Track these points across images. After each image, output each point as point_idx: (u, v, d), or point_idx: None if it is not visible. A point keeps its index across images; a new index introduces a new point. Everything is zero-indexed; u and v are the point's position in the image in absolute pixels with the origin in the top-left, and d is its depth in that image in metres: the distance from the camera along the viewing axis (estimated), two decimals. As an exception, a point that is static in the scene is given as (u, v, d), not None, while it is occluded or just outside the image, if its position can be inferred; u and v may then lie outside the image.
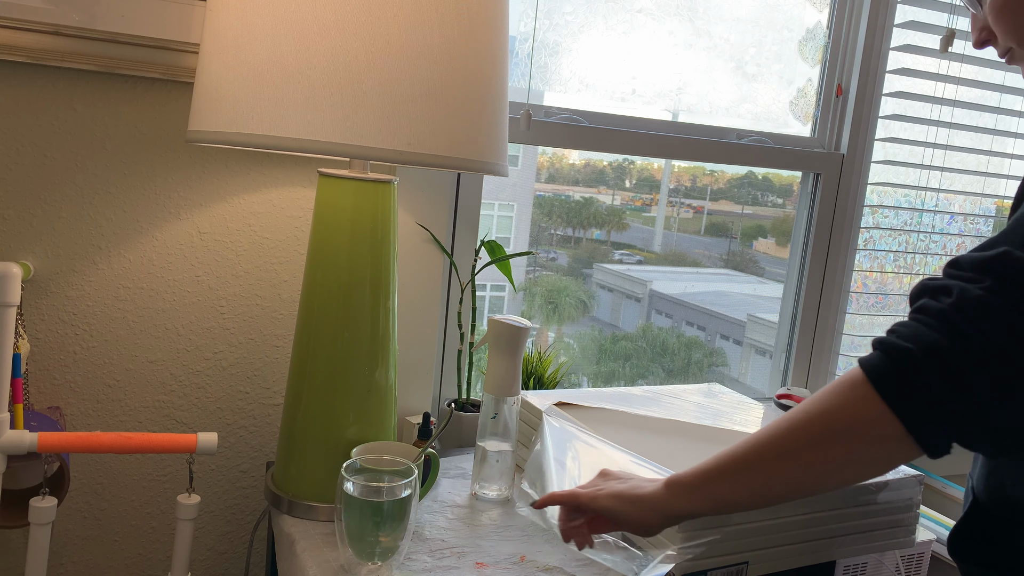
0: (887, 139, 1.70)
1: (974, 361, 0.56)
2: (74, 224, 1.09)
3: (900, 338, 0.60)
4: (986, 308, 0.56)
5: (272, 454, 1.25)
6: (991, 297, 0.56)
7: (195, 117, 0.92)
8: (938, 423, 0.58)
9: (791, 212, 1.78)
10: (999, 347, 0.56)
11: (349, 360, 1.00)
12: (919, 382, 0.57)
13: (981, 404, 0.56)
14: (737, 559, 0.92)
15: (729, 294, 1.97)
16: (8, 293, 0.94)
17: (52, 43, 1.01)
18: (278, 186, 1.19)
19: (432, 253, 1.30)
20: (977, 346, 0.56)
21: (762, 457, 0.65)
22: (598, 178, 1.78)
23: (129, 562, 1.19)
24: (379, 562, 0.89)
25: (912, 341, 0.58)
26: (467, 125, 0.90)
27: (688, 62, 1.55)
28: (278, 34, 0.84)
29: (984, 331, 0.56)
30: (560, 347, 1.83)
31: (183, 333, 1.17)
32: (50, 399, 1.11)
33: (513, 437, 1.09)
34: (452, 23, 0.88)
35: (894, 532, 1.03)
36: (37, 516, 0.96)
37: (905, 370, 0.58)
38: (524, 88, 1.38)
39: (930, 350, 0.57)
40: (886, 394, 0.58)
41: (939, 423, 0.58)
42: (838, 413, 0.60)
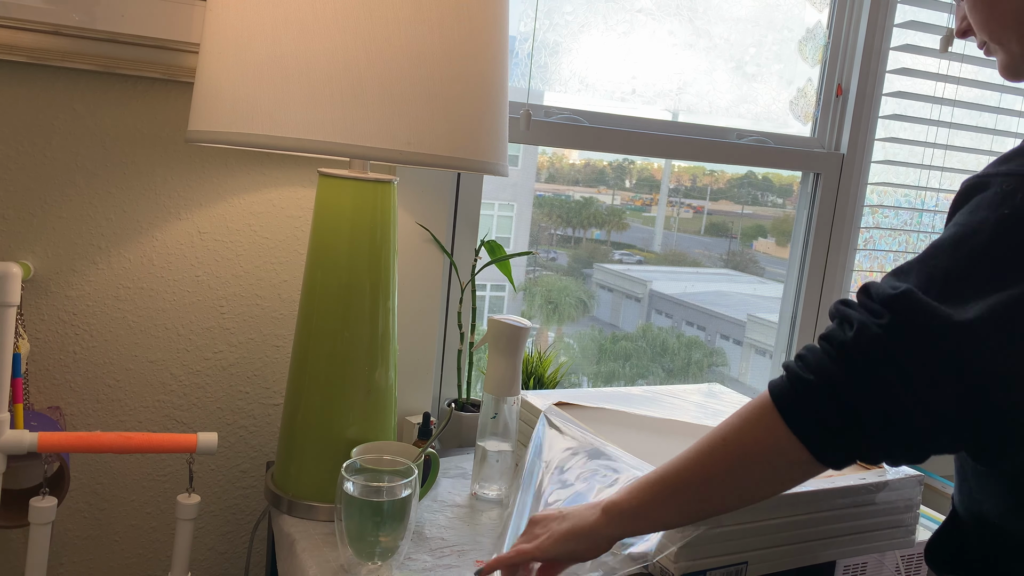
0: (887, 139, 1.70)
1: (866, 396, 0.61)
2: (74, 224, 1.09)
3: (805, 367, 0.64)
4: (881, 347, 0.60)
5: (272, 454, 1.25)
6: (887, 337, 0.60)
7: (195, 117, 0.92)
8: (837, 448, 0.64)
9: (791, 212, 1.78)
10: (889, 385, 0.60)
11: (349, 360, 1.00)
12: (819, 412, 0.63)
13: (873, 433, 0.61)
14: (737, 559, 0.92)
15: (729, 294, 1.97)
16: (8, 293, 0.94)
17: (52, 43, 1.01)
18: (278, 186, 1.19)
19: (432, 253, 1.30)
20: (869, 383, 0.60)
21: (689, 483, 0.71)
22: (598, 178, 1.78)
23: (129, 562, 1.20)
24: (379, 562, 0.89)
25: (814, 372, 0.63)
26: (467, 125, 0.90)
27: (688, 62, 1.55)
28: (278, 34, 0.84)
29: (877, 369, 0.60)
30: (560, 347, 1.83)
31: (183, 333, 1.17)
32: (50, 399, 1.11)
33: (513, 437, 1.09)
34: (452, 23, 0.88)
35: (894, 532, 1.03)
36: (37, 516, 0.96)
37: (807, 401, 0.63)
38: (524, 88, 1.38)
39: (828, 383, 0.62)
40: (791, 422, 0.64)
41: (838, 448, 0.64)
42: (752, 441, 0.66)
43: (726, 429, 0.68)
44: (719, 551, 0.91)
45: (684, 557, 0.88)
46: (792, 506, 0.95)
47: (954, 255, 0.61)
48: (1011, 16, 0.73)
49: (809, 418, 0.63)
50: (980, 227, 0.61)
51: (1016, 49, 0.75)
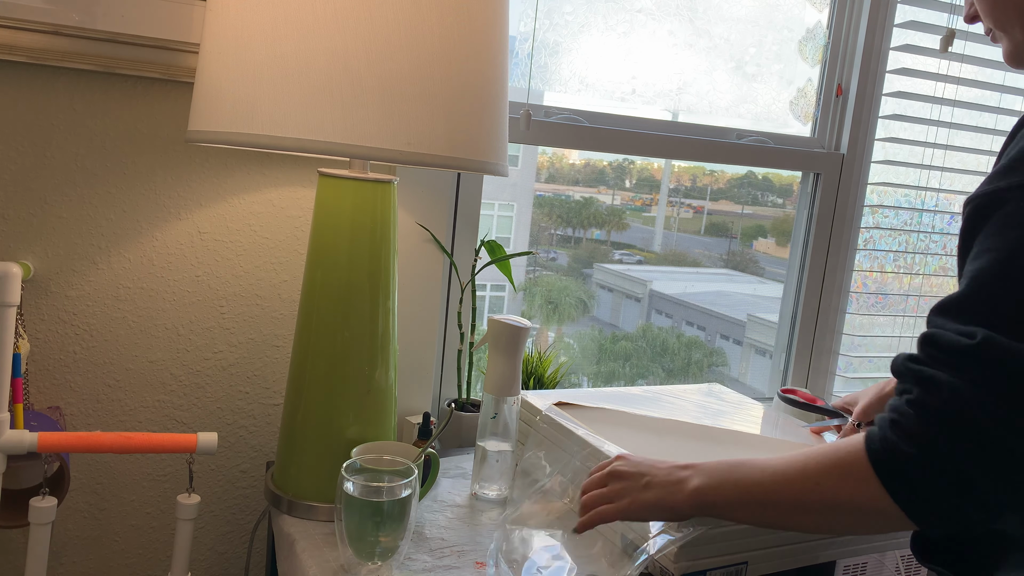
0: (887, 139, 1.70)
1: (978, 462, 0.58)
2: (74, 224, 1.09)
3: (904, 436, 0.61)
4: (980, 407, 0.57)
5: (272, 454, 1.25)
6: (984, 395, 0.57)
7: (195, 117, 0.92)
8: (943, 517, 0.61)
9: (791, 212, 1.78)
10: (1000, 444, 0.57)
11: (349, 360, 1.00)
12: (926, 486, 0.60)
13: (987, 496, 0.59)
14: (737, 559, 0.92)
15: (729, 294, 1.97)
16: (8, 293, 0.94)
17: (52, 43, 1.01)
18: (278, 186, 1.19)
19: (432, 253, 1.30)
20: (977, 448, 0.57)
21: (779, 505, 0.70)
22: (598, 178, 1.78)
23: (129, 562, 1.20)
24: (379, 562, 0.89)
25: (917, 446, 0.60)
26: (467, 125, 0.90)
27: (688, 62, 1.55)
28: (278, 34, 0.84)
29: (983, 432, 0.57)
30: (560, 347, 1.83)
31: (183, 333, 1.17)
32: (50, 399, 1.11)
33: (513, 437, 1.09)
34: (452, 23, 0.88)
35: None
36: (37, 516, 0.96)
37: (912, 473, 0.60)
38: (524, 88, 1.38)
39: (934, 456, 0.59)
40: (894, 494, 0.61)
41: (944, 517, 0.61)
42: (848, 497, 0.64)
43: (822, 473, 0.66)
44: (719, 551, 0.91)
45: (684, 557, 0.88)
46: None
47: (1006, 283, 0.59)
48: (1016, 4, 0.73)
49: (917, 491, 0.61)
50: (1019, 247, 0.58)
51: (1020, 37, 0.75)
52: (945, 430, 0.59)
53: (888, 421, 0.63)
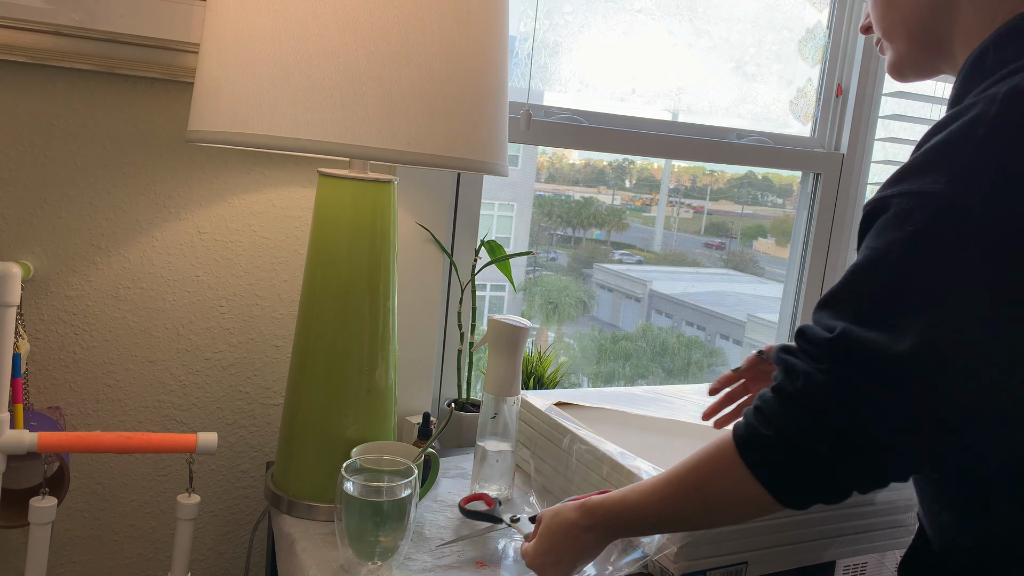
0: (887, 139, 1.70)
1: (826, 444, 0.63)
2: (74, 224, 1.09)
3: (763, 420, 0.67)
4: (830, 394, 0.63)
5: (272, 454, 1.25)
6: (834, 383, 0.63)
7: (195, 117, 0.93)
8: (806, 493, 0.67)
9: (791, 212, 1.78)
10: (845, 429, 0.63)
11: (349, 360, 1.00)
12: (783, 465, 0.66)
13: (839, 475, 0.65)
14: (737, 559, 0.92)
15: (729, 294, 1.97)
16: (8, 293, 0.94)
17: (52, 43, 1.01)
18: (278, 186, 1.19)
19: (432, 253, 1.30)
20: (826, 431, 0.63)
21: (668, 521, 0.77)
22: (598, 178, 1.78)
23: (129, 562, 1.20)
24: (379, 562, 0.89)
25: (773, 428, 0.66)
26: (467, 125, 0.90)
27: (688, 62, 1.55)
28: (278, 34, 0.84)
29: (831, 417, 0.63)
30: (560, 347, 1.83)
31: (183, 333, 1.17)
32: (50, 399, 1.11)
33: (513, 437, 1.09)
34: (452, 23, 0.88)
35: (894, 532, 1.03)
36: (37, 516, 0.96)
37: (769, 455, 0.67)
38: (524, 88, 1.38)
39: (786, 437, 0.65)
40: (758, 475, 0.67)
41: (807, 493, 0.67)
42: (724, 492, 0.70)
43: (698, 477, 0.72)
44: (719, 551, 0.91)
45: (684, 557, 0.88)
46: (792, 506, 0.95)
47: (874, 279, 0.63)
48: (902, 17, 0.77)
49: (774, 471, 0.67)
50: (890, 248, 0.62)
51: (903, 49, 0.78)
52: (798, 414, 0.64)
53: (753, 408, 0.69)
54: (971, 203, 0.59)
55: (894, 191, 0.63)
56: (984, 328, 0.59)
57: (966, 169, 0.60)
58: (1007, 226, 0.58)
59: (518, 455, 1.16)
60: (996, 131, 0.59)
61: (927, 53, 0.77)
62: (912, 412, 0.60)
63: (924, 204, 0.61)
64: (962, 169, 0.60)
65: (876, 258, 0.63)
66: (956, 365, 0.59)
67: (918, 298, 0.60)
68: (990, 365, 0.59)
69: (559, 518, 0.83)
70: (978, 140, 0.60)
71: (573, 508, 0.82)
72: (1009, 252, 0.58)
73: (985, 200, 0.58)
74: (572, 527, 0.81)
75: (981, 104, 0.61)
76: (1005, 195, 0.58)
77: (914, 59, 0.79)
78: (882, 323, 0.61)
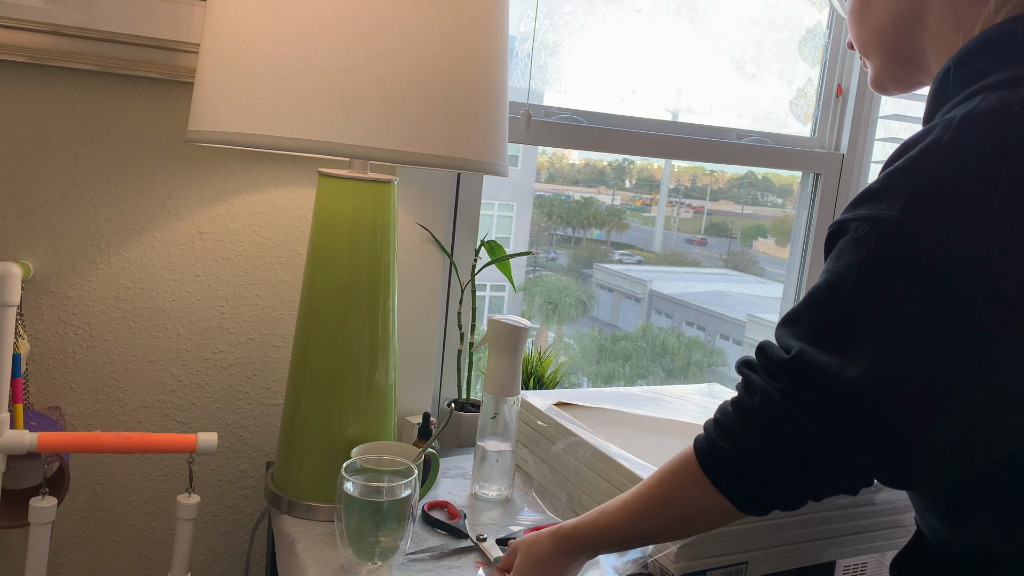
0: (887, 139, 1.70)
1: (781, 458, 0.66)
2: (74, 224, 1.09)
3: (722, 434, 0.70)
4: (784, 412, 0.65)
5: (272, 454, 1.25)
6: (788, 402, 0.65)
7: (195, 117, 0.92)
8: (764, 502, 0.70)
9: (791, 212, 1.78)
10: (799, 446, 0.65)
11: (349, 360, 1.00)
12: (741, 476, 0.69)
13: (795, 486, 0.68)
14: (737, 559, 0.92)
15: (729, 294, 1.97)
16: (8, 293, 0.94)
17: (52, 43, 1.01)
18: (278, 186, 1.19)
19: (432, 253, 1.30)
20: (781, 446, 0.66)
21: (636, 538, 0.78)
22: (598, 178, 1.78)
23: (129, 562, 1.20)
24: (379, 562, 0.89)
25: (731, 441, 0.69)
26: (467, 125, 0.90)
27: (688, 62, 1.55)
28: (278, 34, 0.84)
29: (785, 433, 0.66)
30: (560, 347, 1.83)
31: (183, 333, 1.17)
32: (50, 399, 1.11)
33: (513, 437, 1.09)
34: (452, 23, 0.88)
35: (894, 532, 1.03)
36: (37, 516, 0.96)
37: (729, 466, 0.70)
38: (524, 88, 1.38)
39: (744, 450, 0.68)
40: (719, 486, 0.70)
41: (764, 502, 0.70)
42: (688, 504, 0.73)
43: (664, 492, 0.75)
44: (719, 551, 0.91)
45: (684, 557, 0.88)
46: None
47: (830, 303, 0.65)
48: (873, 33, 0.78)
49: (734, 482, 0.69)
50: (846, 272, 0.64)
51: (879, 64, 0.80)
52: (755, 430, 0.67)
53: (713, 421, 0.71)
54: (921, 231, 0.59)
55: (854, 215, 0.65)
56: (932, 354, 0.60)
57: (919, 196, 0.60)
58: (955, 254, 0.58)
59: (518, 455, 1.16)
60: (949, 158, 0.60)
61: (903, 67, 0.78)
62: (859, 432, 0.63)
63: (879, 230, 0.62)
64: (915, 196, 0.60)
65: (833, 281, 0.65)
66: (903, 391, 0.61)
67: (869, 323, 0.62)
68: (937, 391, 0.60)
69: (536, 548, 0.83)
70: (932, 167, 0.60)
71: (547, 537, 0.83)
72: (956, 280, 0.58)
73: (935, 229, 0.59)
74: (551, 556, 0.82)
75: (938, 129, 0.62)
76: (954, 224, 0.58)
77: (891, 73, 0.80)
78: (835, 346, 0.63)
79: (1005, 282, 0.57)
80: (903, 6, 0.75)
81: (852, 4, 0.80)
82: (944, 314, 0.59)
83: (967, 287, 0.58)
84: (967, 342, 0.59)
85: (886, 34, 0.77)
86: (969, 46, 0.67)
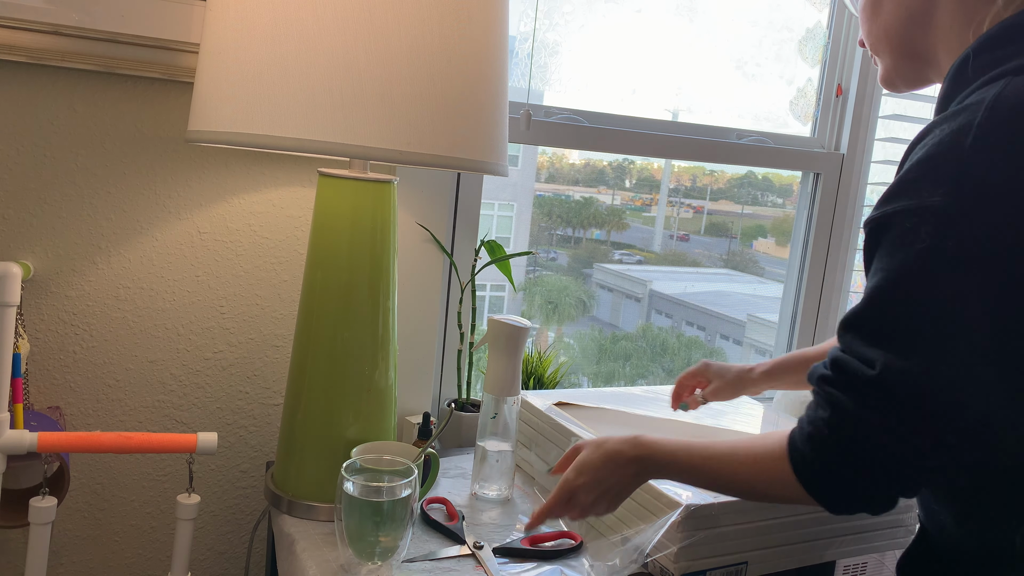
0: (887, 139, 1.70)
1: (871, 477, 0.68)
2: (74, 224, 1.09)
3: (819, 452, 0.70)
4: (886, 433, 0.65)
5: (272, 454, 1.25)
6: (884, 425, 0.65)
7: (195, 117, 0.93)
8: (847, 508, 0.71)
9: (791, 212, 1.78)
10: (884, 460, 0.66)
11: (349, 360, 1.00)
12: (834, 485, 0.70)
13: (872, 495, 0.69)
14: (737, 559, 0.92)
15: (729, 294, 1.97)
16: (8, 293, 0.94)
17: (52, 43, 1.01)
18: (278, 186, 1.19)
19: (432, 253, 1.30)
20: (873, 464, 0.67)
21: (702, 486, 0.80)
22: (598, 178, 1.78)
23: (129, 562, 1.20)
24: (379, 562, 0.89)
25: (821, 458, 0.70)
26: (467, 125, 0.90)
27: (688, 62, 1.55)
28: (278, 34, 0.84)
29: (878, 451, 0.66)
30: (560, 347, 1.83)
31: (183, 333, 1.17)
32: (50, 399, 1.11)
33: (513, 437, 1.09)
34: (452, 23, 0.88)
35: (894, 532, 1.03)
36: (37, 516, 0.96)
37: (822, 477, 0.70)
38: (524, 88, 1.38)
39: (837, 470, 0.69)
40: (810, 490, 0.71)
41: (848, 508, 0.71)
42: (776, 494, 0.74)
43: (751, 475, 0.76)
44: (719, 551, 0.91)
45: (684, 557, 0.88)
46: (792, 506, 0.95)
47: (898, 303, 0.65)
48: (884, 31, 0.80)
49: (832, 497, 0.71)
50: (904, 268, 0.64)
51: (889, 61, 0.81)
52: (846, 451, 0.68)
53: (807, 436, 0.71)
54: (970, 216, 0.60)
55: (894, 208, 0.65)
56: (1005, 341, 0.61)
57: (960, 181, 0.61)
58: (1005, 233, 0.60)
59: (518, 455, 1.16)
60: (984, 138, 0.61)
61: (913, 64, 0.80)
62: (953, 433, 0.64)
63: (926, 220, 0.62)
64: (956, 181, 0.61)
65: (895, 279, 0.65)
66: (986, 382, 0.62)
67: (942, 319, 0.62)
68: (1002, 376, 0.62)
69: (607, 446, 0.83)
70: (968, 149, 0.61)
71: (624, 441, 0.83)
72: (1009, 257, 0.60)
73: (983, 212, 0.60)
74: (619, 455, 0.82)
75: (966, 113, 0.63)
76: (997, 203, 0.60)
77: (901, 70, 0.81)
78: (914, 350, 0.64)
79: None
80: (913, 5, 0.76)
81: (863, 3, 0.81)
82: (1009, 299, 0.60)
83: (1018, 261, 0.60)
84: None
85: (897, 32, 0.78)
86: (988, 35, 0.69)
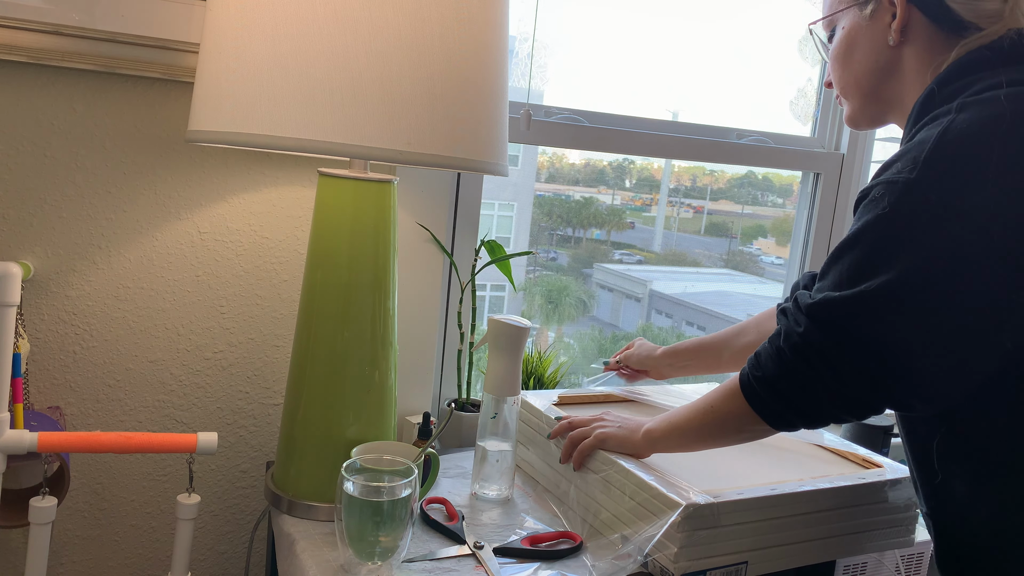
0: (887, 139, 1.70)
1: (800, 388, 0.82)
2: (74, 224, 1.09)
3: (756, 365, 0.86)
4: (804, 348, 0.80)
5: (272, 454, 1.25)
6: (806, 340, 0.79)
7: (195, 117, 0.93)
8: (788, 420, 0.85)
9: (791, 212, 1.78)
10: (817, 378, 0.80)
11: (349, 360, 1.00)
12: (771, 399, 0.84)
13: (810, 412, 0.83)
14: (737, 559, 0.92)
15: (729, 294, 1.97)
16: (8, 293, 0.94)
17: (52, 43, 1.01)
18: (278, 186, 1.19)
19: (432, 253, 1.30)
20: (801, 379, 0.81)
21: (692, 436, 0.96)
22: (598, 178, 1.78)
23: (129, 562, 1.20)
24: (379, 562, 0.89)
25: (762, 369, 0.85)
26: (467, 125, 0.90)
27: (688, 62, 1.55)
28: (278, 34, 0.84)
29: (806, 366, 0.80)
30: (560, 347, 1.83)
31: (183, 333, 1.17)
32: (50, 399, 1.11)
33: (513, 437, 1.09)
34: (452, 23, 0.88)
35: (894, 532, 1.03)
36: (37, 516, 0.96)
37: (761, 391, 0.85)
38: (524, 88, 1.38)
39: (771, 382, 0.84)
40: (753, 406, 0.86)
41: (789, 420, 0.85)
42: (729, 414, 0.90)
43: (714, 399, 0.92)
44: (719, 551, 0.91)
45: (684, 557, 0.88)
46: (792, 506, 0.95)
47: (852, 252, 0.78)
48: (855, 79, 0.91)
49: (764, 403, 0.85)
50: (865, 227, 0.77)
51: (857, 105, 0.93)
52: (780, 362, 0.82)
53: (754, 354, 0.87)
54: (928, 188, 0.73)
55: (878, 180, 0.78)
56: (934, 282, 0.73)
57: (925, 161, 0.74)
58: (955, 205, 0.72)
59: (518, 455, 1.16)
60: (951, 132, 0.74)
61: (879, 107, 0.91)
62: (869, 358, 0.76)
63: (892, 190, 0.75)
64: (920, 160, 0.74)
65: (855, 235, 0.78)
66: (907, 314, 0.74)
67: (883, 264, 0.75)
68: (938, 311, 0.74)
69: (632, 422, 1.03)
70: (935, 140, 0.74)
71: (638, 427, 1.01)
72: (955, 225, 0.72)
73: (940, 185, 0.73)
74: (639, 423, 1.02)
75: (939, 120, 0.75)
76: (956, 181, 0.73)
77: (868, 112, 0.93)
78: (853, 286, 0.76)
79: (994, 227, 0.71)
80: (881, 58, 0.87)
81: (835, 50, 0.92)
82: (944, 252, 0.73)
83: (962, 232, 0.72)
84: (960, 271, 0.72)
85: (867, 80, 0.90)
86: (949, 69, 0.81)
